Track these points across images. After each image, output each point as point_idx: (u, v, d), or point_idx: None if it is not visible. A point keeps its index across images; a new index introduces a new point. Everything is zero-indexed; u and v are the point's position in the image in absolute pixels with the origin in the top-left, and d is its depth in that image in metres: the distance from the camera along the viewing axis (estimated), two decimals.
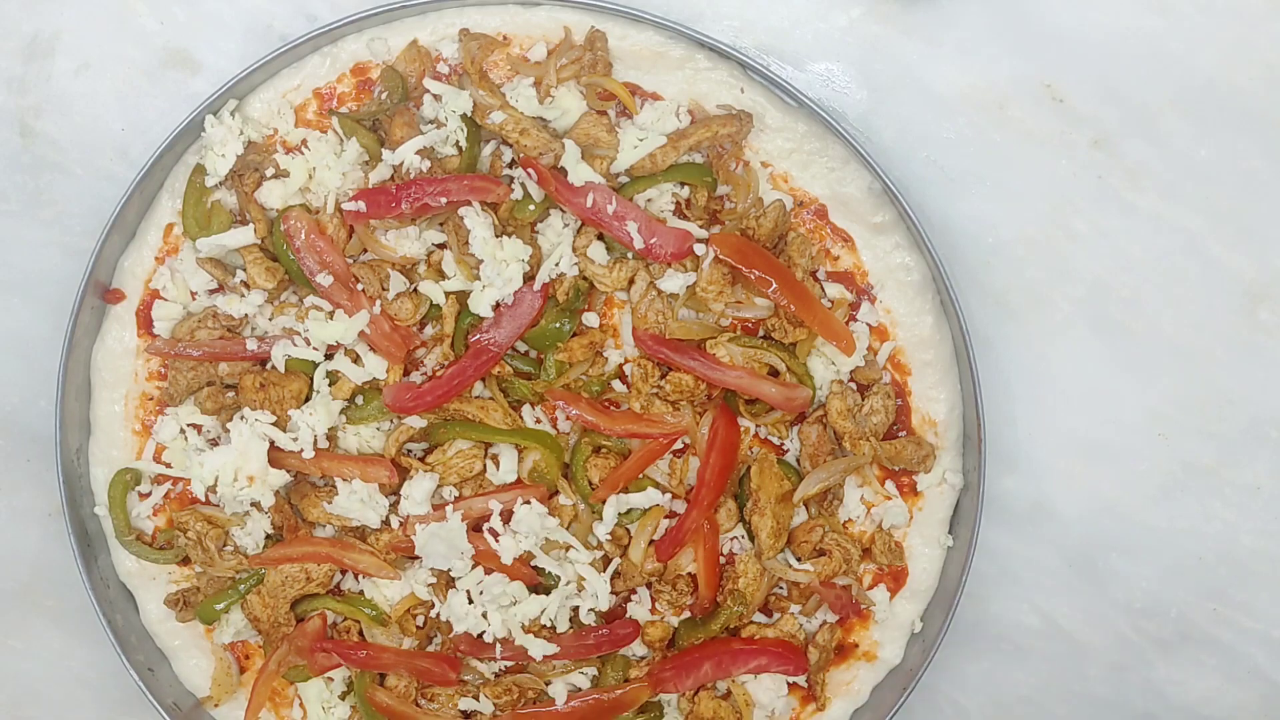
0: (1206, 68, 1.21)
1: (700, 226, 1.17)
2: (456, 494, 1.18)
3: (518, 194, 1.16)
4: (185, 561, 1.21)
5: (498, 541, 1.16)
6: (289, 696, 1.23)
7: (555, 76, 1.16)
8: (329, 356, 1.17)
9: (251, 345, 1.17)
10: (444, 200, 1.14)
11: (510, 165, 1.18)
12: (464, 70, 1.17)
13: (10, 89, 1.24)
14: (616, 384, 1.19)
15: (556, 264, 1.15)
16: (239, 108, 1.18)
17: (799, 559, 1.20)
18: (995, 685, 1.26)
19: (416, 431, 1.18)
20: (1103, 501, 1.24)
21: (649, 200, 1.17)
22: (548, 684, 1.20)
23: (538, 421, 1.18)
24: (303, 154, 1.17)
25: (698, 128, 1.16)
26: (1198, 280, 1.22)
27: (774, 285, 1.14)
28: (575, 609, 1.18)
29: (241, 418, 1.17)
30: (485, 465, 1.18)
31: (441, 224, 1.17)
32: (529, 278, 1.15)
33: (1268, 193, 1.22)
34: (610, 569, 1.18)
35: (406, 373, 1.18)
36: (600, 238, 1.17)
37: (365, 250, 1.17)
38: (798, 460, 1.19)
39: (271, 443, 1.16)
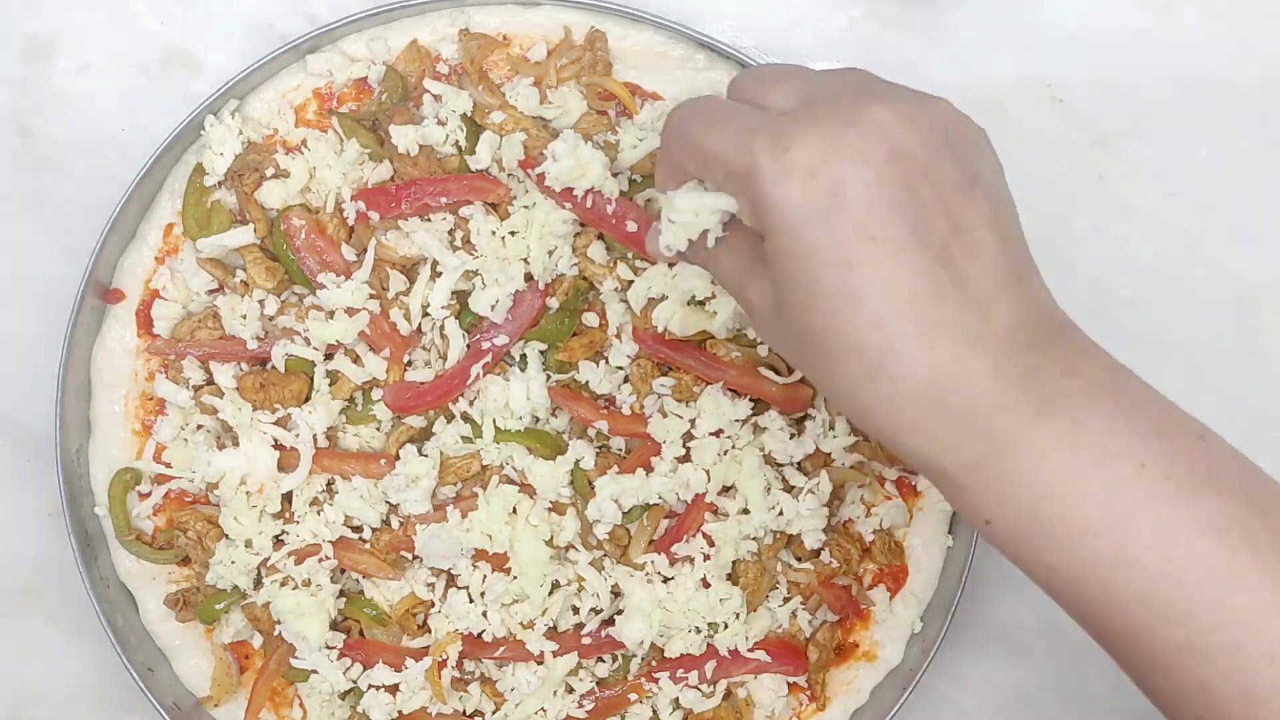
0: (1206, 68, 1.21)
1: None
2: (456, 494, 1.19)
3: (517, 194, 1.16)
4: (185, 561, 1.21)
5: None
6: (289, 696, 1.23)
7: (555, 76, 1.16)
8: (329, 356, 1.17)
9: (252, 345, 1.17)
10: (444, 200, 1.15)
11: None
12: (464, 70, 1.17)
13: (10, 89, 1.24)
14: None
15: (556, 264, 1.15)
16: (239, 108, 1.18)
17: (799, 559, 1.20)
18: (995, 685, 1.26)
19: (416, 431, 1.18)
20: None
21: (649, 200, 1.17)
22: None
23: (536, 420, 1.18)
24: (303, 154, 1.17)
25: None
26: (1198, 280, 1.22)
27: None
28: (575, 609, 1.18)
29: (251, 423, 1.16)
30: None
31: (452, 228, 1.17)
32: (529, 277, 1.15)
33: (1268, 193, 1.22)
34: (610, 569, 1.18)
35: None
36: (600, 238, 1.17)
37: (365, 250, 1.17)
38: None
39: (274, 441, 1.16)
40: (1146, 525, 0.75)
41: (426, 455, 1.17)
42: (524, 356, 1.16)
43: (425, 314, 1.16)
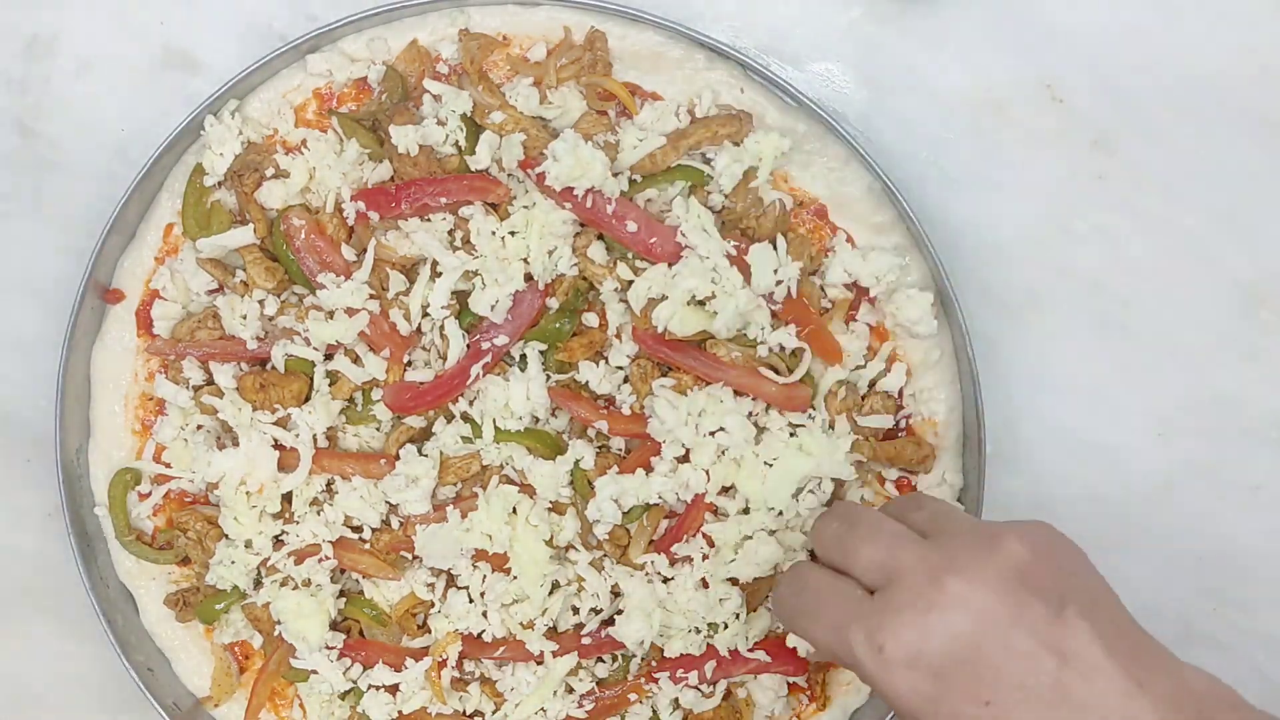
0: (1206, 68, 1.21)
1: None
2: (456, 494, 1.18)
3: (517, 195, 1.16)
4: (185, 561, 1.21)
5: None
6: (289, 696, 1.23)
7: (555, 76, 1.16)
8: (329, 356, 1.17)
9: (252, 345, 1.17)
10: (444, 200, 1.15)
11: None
12: (464, 70, 1.17)
13: (10, 89, 1.24)
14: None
15: (556, 264, 1.15)
16: (239, 108, 1.18)
17: None
18: None
19: (416, 431, 1.18)
20: (1102, 501, 1.24)
21: (649, 200, 1.17)
22: None
23: (536, 420, 1.17)
24: (303, 154, 1.17)
25: (697, 128, 1.16)
26: (1198, 280, 1.22)
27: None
28: (575, 609, 1.18)
29: (251, 423, 1.16)
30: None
31: (452, 228, 1.16)
32: (529, 277, 1.15)
33: (1268, 193, 1.22)
34: (610, 569, 1.18)
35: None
36: (600, 238, 1.17)
37: (365, 250, 1.17)
38: None
39: (275, 441, 1.16)
40: None
41: (426, 455, 1.17)
42: (524, 356, 1.16)
43: (425, 314, 1.16)
